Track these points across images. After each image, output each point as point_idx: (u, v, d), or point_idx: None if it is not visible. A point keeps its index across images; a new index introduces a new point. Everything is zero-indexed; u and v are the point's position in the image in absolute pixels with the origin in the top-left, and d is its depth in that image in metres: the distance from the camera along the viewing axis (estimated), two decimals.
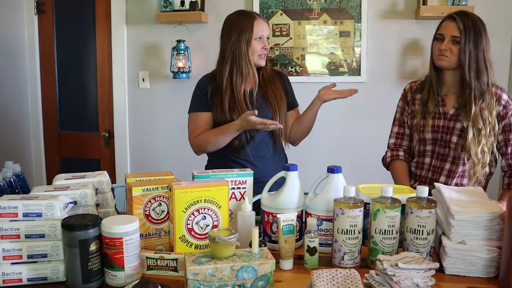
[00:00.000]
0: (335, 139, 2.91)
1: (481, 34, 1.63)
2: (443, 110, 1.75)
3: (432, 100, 1.76)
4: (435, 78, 1.75)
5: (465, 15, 1.67)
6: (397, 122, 1.91)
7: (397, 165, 1.88)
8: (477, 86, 1.66)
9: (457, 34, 1.64)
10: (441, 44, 1.68)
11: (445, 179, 1.76)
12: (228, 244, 1.11)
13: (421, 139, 1.79)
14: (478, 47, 1.63)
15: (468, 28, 1.62)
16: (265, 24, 1.88)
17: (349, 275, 1.11)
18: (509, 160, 1.73)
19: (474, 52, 1.63)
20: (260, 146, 1.90)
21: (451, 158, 1.75)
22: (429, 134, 1.76)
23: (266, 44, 1.87)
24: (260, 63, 1.88)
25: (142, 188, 1.29)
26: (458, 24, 1.63)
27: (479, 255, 1.19)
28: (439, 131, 1.75)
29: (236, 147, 1.86)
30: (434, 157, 1.79)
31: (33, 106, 3.20)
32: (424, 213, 1.22)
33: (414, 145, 1.83)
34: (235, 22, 1.85)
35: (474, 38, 1.62)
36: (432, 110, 1.76)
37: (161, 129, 3.09)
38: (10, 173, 1.53)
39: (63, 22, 3.15)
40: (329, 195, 1.34)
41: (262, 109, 1.86)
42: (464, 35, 1.62)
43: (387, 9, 2.75)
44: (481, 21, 1.67)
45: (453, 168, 1.74)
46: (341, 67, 2.83)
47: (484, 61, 1.65)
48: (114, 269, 1.14)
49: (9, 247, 1.14)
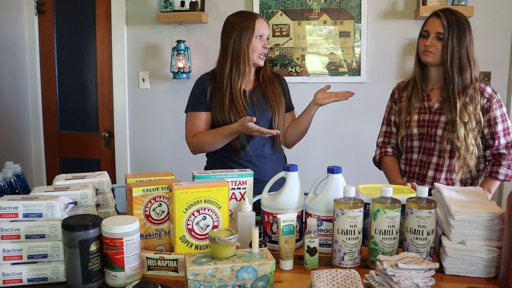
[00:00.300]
0: (335, 139, 2.91)
1: (464, 31, 1.67)
2: (428, 104, 1.79)
3: (416, 95, 1.80)
4: (419, 74, 1.79)
5: (450, 12, 1.71)
6: (385, 121, 1.96)
7: (387, 161, 1.91)
8: (459, 81, 1.69)
9: (441, 30, 1.67)
10: (426, 40, 1.71)
11: (433, 173, 1.78)
12: (228, 245, 1.11)
13: (408, 134, 1.83)
14: (461, 44, 1.67)
15: (452, 25, 1.66)
16: (266, 24, 1.89)
17: (349, 275, 1.11)
18: (494, 151, 1.75)
19: (457, 48, 1.67)
20: (259, 146, 1.91)
21: (438, 151, 1.77)
22: (415, 129, 1.79)
23: (266, 43, 1.87)
24: (259, 62, 1.88)
25: (142, 188, 1.29)
26: (442, 20, 1.67)
27: (479, 255, 1.19)
28: (425, 126, 1.78)
29: (235, 147, 1.87)
30: (421, 152, 1.81)
31: (33, 106, 3.20)
32: (424, 213, 1.22)
33: (400, 141, 1.86)
34: (237, 21, 1.86)
35: (458, 35, 1.66)
36: (416, 106, 1.80)
37: (161, 129, 3.09)
38: (10, 174, 1.53)
39: (63, 22, 3.15)
40: (329, 195, 1.34)
41: (262, 109, 1.87)
42: (447, 32, 1.66)
43: (387, 9, 2.75)
44: (466, 19, 1.71)
45: (440, 162, 1.76)
46: (341, 67, 2.83)
47: (467, 57, 1.69)
48: (114, 269, 1.14)
49: (9, 248, 1.14)
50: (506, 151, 1.74)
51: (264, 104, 1.89)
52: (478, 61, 2.73)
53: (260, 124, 1.84)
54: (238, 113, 1.83)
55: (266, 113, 1.88)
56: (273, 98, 1.90)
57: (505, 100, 2.68)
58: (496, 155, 1.75)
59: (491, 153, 1.76)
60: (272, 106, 1.89)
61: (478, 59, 2.77)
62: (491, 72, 2.68)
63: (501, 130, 1.73)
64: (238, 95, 1.84)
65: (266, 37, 1.88)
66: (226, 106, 1.83)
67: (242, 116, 1.81)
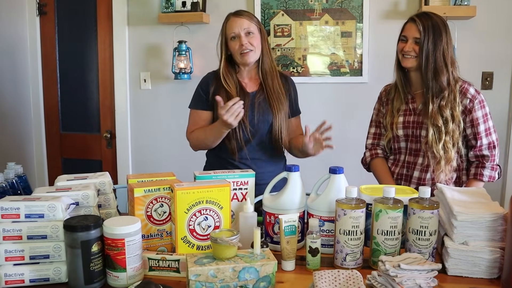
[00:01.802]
0: (337, 140, 2.87)
1: (440, 34, 1.69)
2: (412, 106, 1.82)
3: (397, 99, 1.83)
4: (400, 79, 1.82)
5: (426, 16, 1.73)
6: (373, 123, 1.98)
7: (378, 163, 1.92)
8: (434, 85, 1.71)
9: (418, 35, 1.70)
10: (405, 45, 1.75)
11: (419, 173, 1.79)
12: (230, 245, 1.11)
13: (394, 136, 1.85)
14: (437, 47, 1.69)
15: (428, 29, 1.69)
16: (238, 21, 1.80)
17: (351, 276, 1.11)
18: (477, 152, 1.76)
19: (432, 52, 1.69)
20: (257, 149, 1.87)
21: (423, 152, 1.79)
22: (401, 130, 1.82)
23: (242, 41, 1.78)
24: (244, 60, 1.81)
25: (144, 189, 1.29)
26: (418, 26, 1.70)
27: (481, 256, 1.19)
28: (410, 127, 1.80)
29: (232, 149, 1.84)
30: (408, 153, 1.83)
31: (35, 107, 3.21)
32: (427, 214, 1.22)
33: (387, 143, 1.89)
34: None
35: (433, 38, 1.68)
36: (399, 108, 1.83)
37: (163, 130, 3.09)
38: (12, 174, 1.53)
39: (64, 23, 3.15)
40: (331, 195, 1.34)
41: (263, 112, 1.84)
42: (423, 36, 1.69)
43: (389, 9, 2.75)
44: (443, 22, 1.72)
45: (426, 162, 1.78)
46: (343, 68, 2.83)
47: (444, 60, 1.70)
48: (116, 270, 1.14)
49: (11, 248, 1.14)
50: (488, 153, 1.75)
51: (266, 107, 1.85)
52: (479, 62, 2.72)
53: (260, 127, 1.83)
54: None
55: (266, 117, 1.84)
56: (274, 100, 1.84)
57: (507, 100, 2.68)
58: (479, 156, 1.77)
59: (474, 155, 1.77)
60: (273, 108, 1.84)
61: (480, 59, 2.76)
62: (494, 72, 2.67)
63: (483, 131, 1.74)
64: (234, 95, 1.80)
65: (243, 34, 1.78)
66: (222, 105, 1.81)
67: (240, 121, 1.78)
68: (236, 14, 1.83)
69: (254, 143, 1.86)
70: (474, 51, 2.65)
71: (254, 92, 1.87)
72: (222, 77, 1.84)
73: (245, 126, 1.80)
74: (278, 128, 1.85)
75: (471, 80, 1.81)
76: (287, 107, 1.90)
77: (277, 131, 1.85)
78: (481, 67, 2.67)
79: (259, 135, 1.85)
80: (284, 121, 1.87)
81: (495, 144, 1.77)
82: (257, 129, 1.83)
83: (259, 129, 1.84)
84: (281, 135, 1.86)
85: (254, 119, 1.82)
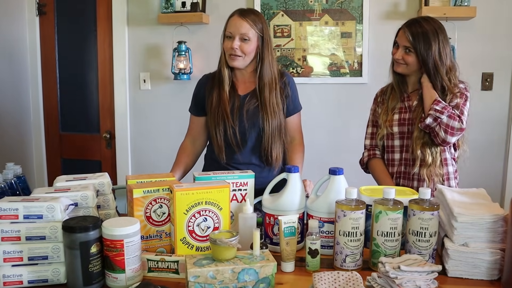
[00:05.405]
0: (337, 141, 2.90)
1: (430, 41, 1.71)
2: (408, 104, 1.83)
3: (393, 98, 1.86)
4: (396, 80, 1.86)
5: (416, 24, 1.74)
6: (370, 123, 1.99)
7: (376, 163, 1.92)
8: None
9: (408, 44, 1.74)
10: (396, 51, 1.79)
11: (418, 169, 1.78)
12: (229, 246, 1.10)
13: (389, 133, 1.84)
14: (428, 54, 1.71)
15: (418, 37, 1.72)
16: (239, 22, 1.71)
17: (351, 277, 1.11)
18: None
19: (426, 58, 1.71)
20: (249, 154, 1.80)
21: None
22: (396, 127, 1.82)
23: (233, 44, 1.70)
24: (231, 63, 1.74)
25: (143, 190, 1.28)
26: (407, 35, 1.73)
27: (482, 257, 1.19)
28: (405, 124, 1.81)
29: (223, 153, 1.78)
30: (404, 151, 1.83)
31: (35, 108, 3.20)
32: (427, 215, 1.21)
33: (379, 140, 1.89)
34: None
35: (424, 46, 1.71)
36: (395, 106, 1.84)
37: (162, 131, 3.09)
38: (11, 175, 1.52)
39: (64, 23, 3.15)
40: (331, 197, 1.34)
41: (253, 118, 1.75)
42: (415, 44, 1.72)
43: (389, 10, 2.75)
44: (434, 29, 1.72)
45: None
46: (343, 68, 2.83)
47: (436, 68, 1.71)
48: (115, 271, 1.14)
49: (9, 249, 1.14)
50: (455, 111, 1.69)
51: (257, 112, 1.75)
52: (479, 62, 2.72)
53: (250, 133, 1.77)
54: (222, 117, 1.75)
55: (256, 122, 1.75)
56: (265, 107, 1.74)
57: (507, 101, 2.67)
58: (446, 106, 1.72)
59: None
60: (263, 117, 1.74)
61: (480, 60, 2.76)
62: (494, 73, 2.66)
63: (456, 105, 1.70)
64: (224, 99, 1.75)
65: (237, 37, 1.70)
66: (212, 109, 1.77)
67: (226, 122, 1.73)
68: (241, 15, 1.73)
69: (247, 148, 1.79)
70: (474, 52, 2.64)
71: (245, 95, 1.79)
72: (218, 70, 1.81)
73: (234, 131, 1.75)
74: (268, 145, 1.76)
75: (471, 80, 1.81)
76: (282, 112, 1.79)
77: (267, 148, 1.76)
78: (481, 68, 2.66)
79: (250, 139, 1.79)
80: (277, 128, 1.76)
81: (462, 118, 1.68)
82: (247, 134, 1.77)
83: (249, 134, 1.77)
84: (271, 151, 1.76)
85: (245, 124, 1.76)
